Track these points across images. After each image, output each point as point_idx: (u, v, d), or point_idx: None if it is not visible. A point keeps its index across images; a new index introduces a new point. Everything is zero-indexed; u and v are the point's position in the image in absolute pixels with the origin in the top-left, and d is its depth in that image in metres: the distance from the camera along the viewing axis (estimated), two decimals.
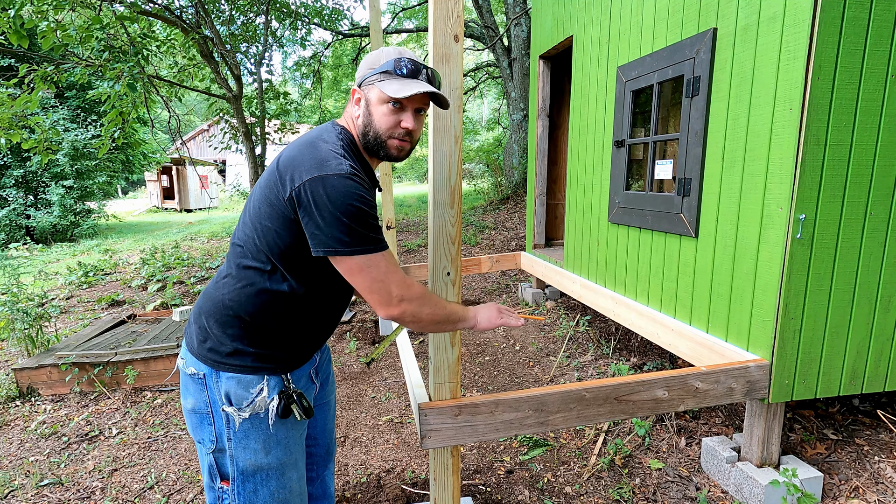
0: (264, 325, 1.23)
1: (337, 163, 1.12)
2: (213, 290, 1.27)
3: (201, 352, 1.25)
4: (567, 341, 3.88)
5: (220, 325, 1.24)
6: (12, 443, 2.82)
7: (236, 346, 1.22)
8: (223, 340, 1.23)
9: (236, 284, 1.23)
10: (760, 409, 2.09)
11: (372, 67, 1.22)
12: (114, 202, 17.11)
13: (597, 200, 3.46)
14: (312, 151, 1.14)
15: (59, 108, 12.84)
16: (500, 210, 8.54)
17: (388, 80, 1.19)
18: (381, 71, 1.20)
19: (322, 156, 1.13)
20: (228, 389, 1.22)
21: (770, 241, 2.02)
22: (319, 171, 1.10)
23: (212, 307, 1.26)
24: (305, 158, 1.13)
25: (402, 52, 1.23)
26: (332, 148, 1.16)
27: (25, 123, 5.09)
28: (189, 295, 5.77)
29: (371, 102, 1.22)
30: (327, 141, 1.18)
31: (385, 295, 1.16)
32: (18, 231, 12.42)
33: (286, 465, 1.29)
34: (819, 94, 1.83)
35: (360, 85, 1.25)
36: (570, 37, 3.84)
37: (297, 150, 1.17)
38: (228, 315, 1.23)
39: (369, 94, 1.22)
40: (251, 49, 7.75)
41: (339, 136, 1.22)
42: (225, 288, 1.25)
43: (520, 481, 2.32)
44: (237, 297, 1.22)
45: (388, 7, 12.46)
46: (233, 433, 1.24)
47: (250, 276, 1.21)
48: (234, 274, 1.24)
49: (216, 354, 1.23)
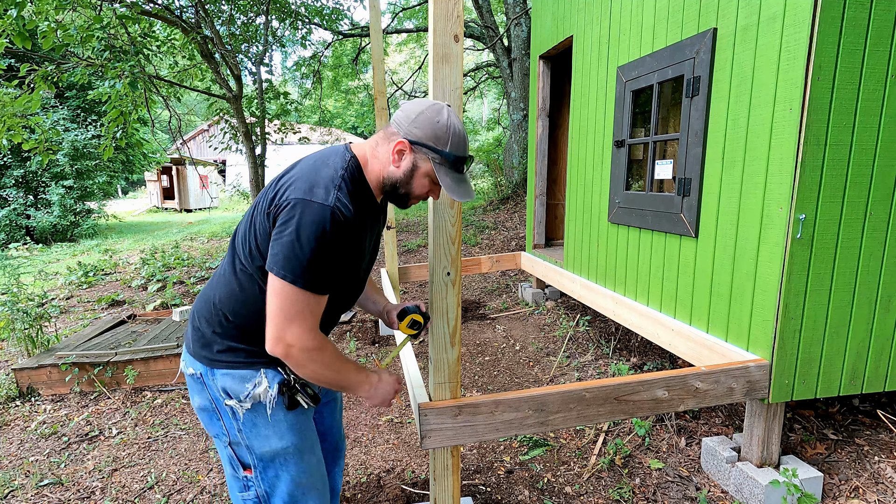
0: (254, 325, 1.25)
1: (325, 194, 1.12)
2: (207, 290, 1.33)
3: (197, 351, 1.30)
4: (567, 341, 3.88)
5: (212, 325, 1.28)
6: (12, 443, 2.82)
7: (228, 343, 1.27)
8: (215, 339, 1.28)
9: (227, 285, 1.27)
10: (760, 409, 2.09)
11: (436, 137, 1.19)
12: (114, 202, 17.11)
13: (597, 200, 3.46)
14: (312, 175, 1.17)
15: (59, 108, 12.83)
16: (500, 210, 8.54)
17: (446, 169, 1.21)
18: (441, 152, 1.20)
19: (315, 181, 1.15)
20: (224, 385, 1.26)
21: (770, 241, 2.02)
22: (307, 195, 1.12)
23: (204, 307, 1.31)
24: (303, 180, 1.15)
25: (463, 135, 1.22)
26: (330, 175, 1.16)
27: (26, 124, 5.09)
28: (189, 295, 5.77)
29: (417, 169, 1.23)
30: (330, 167, 1.19)
31: (281, 330, 1.13)
32: (18, 231, 12.42)
33: (302, 449, 1.33)
34: (819, 94, 1.83)
35: (410, 141, 1.20)
36: (570, 37, 3.84)
37: (301, 170, 1.19)
38: (220, 315, 1.27)
39: (419, 162, 1.22)
40: (251, 49, 7.75)
41: (346, 165, 1.21)
42: (217, 288, 1.30)
43: (520, 481, 2.32)
44: (227, 298, 1.27)
45: (388, 7, 12.46)
46: (241, 424, 1.28)
47: (241, 278, 1.25)
48: (226, 275, 1.29)
49: (209, 352, 1.28)
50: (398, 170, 1.23)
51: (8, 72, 8.41)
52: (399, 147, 1.21)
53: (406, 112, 1.22)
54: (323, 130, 13.80)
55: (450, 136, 1.20)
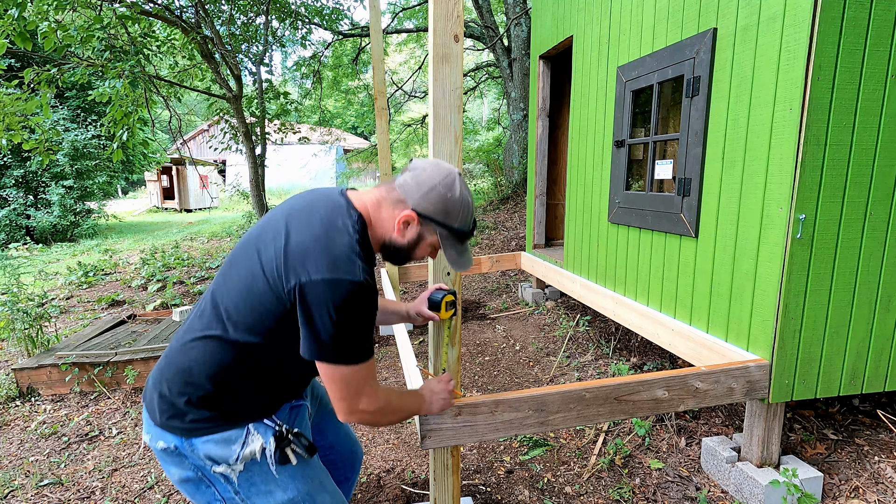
0: (239, 386, 1.15)
1: (350, 266, 1.05)
2: (178, 358, 1.17)
3: (165, 422, 1.15)
4: (567, 341, 3.88)
5: (186, 394, 1.14)
6: (12, 443, 2.82)
7: (204, 412, 1.14)
8: (189, 409, 1.13)
9: (211, 354, 1.13)
10: (760, 409, 2.09)
11: (446, 213, 1.17)
12: (114, 202, 17.10)
13: (597, 200, 3.46)
14: (328, 246, 1.07)
15: (59, 108, 12.83)
16: (500, 210, 8.53)
17: (452, 241, 1.22)
18: (450, 227, 1.19)
19: (337, 254, 1.06)
20: (208, 452, 1.14)
21: (770, 241, 2.02)
22: (332, 272, 1.03)
23: (175, 377, 1.15)
24: (319, 253, 1.06)
25: (471, 206, 1.22)
26: (348, 243, 1.08)
27: (26, 123, 5.09)
28: (189, 295, 5.77)
29: (423, 240, 1.22)
30: (342, 232, 1.10)
31: (352, 405, 1.14)
32: (18, 231, 12.41)
33: (312, 492, 1.23)
34: (819, 94, 1.83)
35: (419, 213, 1.17)
36: (570, 37, 3.84)
37: (312, 239, 1.08)
38: (197, 384, 1.13)
39: (425, 234, 1.21)
40: (251, 49, 7.75)
41: (357, 227, 1.13)
42: (192, 355, 1.14)
43: (520, 481, 2.32)
44: (211, 366, 1.13)
45: (388, 7, 12.46)
46: (237, 487, 1.17)
47: (230, 346, 1.12)
48: (207, 342, 1.14)
49: (181, 422, 1.14)
50: (402, 238, 1.20)
51: (8, 72, 8.42)
52: (406, 219, 1.17)
53: (418, 181, 1.17)
54: (323, 130, 13.79)
55: (460, 211, 1.18)
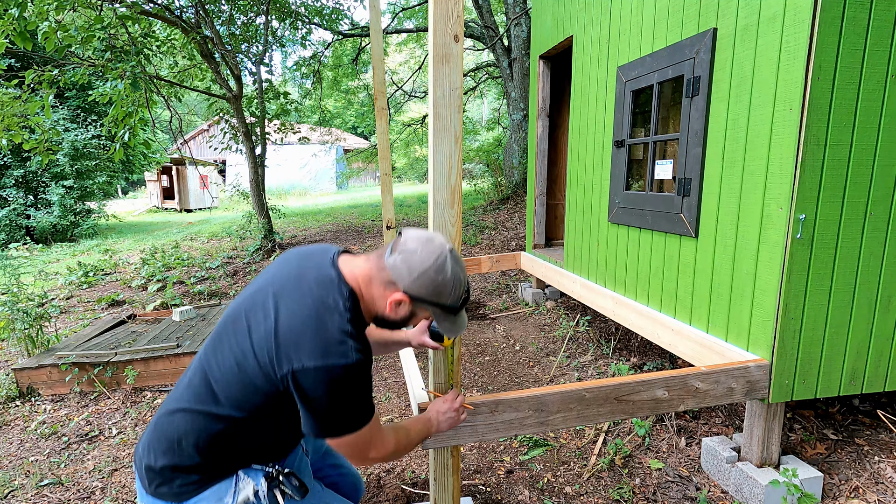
0: (228, 449, 1.16)
1: (342, 349, 1.06)
2: (169, 430, 1.17)
3: (157, 490, 1.16)
4: (567, 341, 3.88)
5: (172, 461, 1.15)
6: (12, 443, 2.82)
7: (193, 475, 1.15)
8: (177, 475, 1.15)
9: (205, 426, 1.13)
10: (760, 409, 2.09)
11: (438, 294, 1.16)
12: (114, 202, 17.10)
13: (597, 200, 3.46)
14: (319, 329, 1.07)
15: (59, 108, 12.83)
16: (500, 210, 8.53)
17: (445, 315, 1.22)
18: (441, 306, 1.19)
19: (328, 338, 1.07)
20: None
21: (770, 241, 2.01)
22: (324, 359, 1.05)
23: (167, 452, 1.16)
24: (310, 337, 1.06)
25: (463, 279, 1.21)
26: (339, 326, 1.08)
27: (26, 124, 5.10)
28: (189, 295, 5.77)
29: (415, 317, 1.23)
30: (333, 311, 1.10)
31: (362, 458, 1.23)
32: (18, 231, 12.42)
33: None
34: (819, 95, 1.83)
35: (410, 296, 1.16)
36: (570, 37, 3.84)
37: (302, 322, 1.08)
38: (189, 454, 1.14)
39: (417, 311, 1.21)
40: (251, 49, 7.75)
41: (347, 304, 1.13)
42: (183, 428, 1.15)
43: (520, 481, 2.32)
44: (203, 437, 1.13)
45: (388, 7, 12.46)
46: None
47: (222, 420, 1.13)
48: (199, 416, 1.14)
49: (171, 487, 1.15)
50: (395, 315, 1.20)
51: (8, 72, 8.42)
52: (397, 300, 1.16)
53: (408, 265, 1.15)
54: (323, 130, 13.79)
55: (452, 290, 1.18)
